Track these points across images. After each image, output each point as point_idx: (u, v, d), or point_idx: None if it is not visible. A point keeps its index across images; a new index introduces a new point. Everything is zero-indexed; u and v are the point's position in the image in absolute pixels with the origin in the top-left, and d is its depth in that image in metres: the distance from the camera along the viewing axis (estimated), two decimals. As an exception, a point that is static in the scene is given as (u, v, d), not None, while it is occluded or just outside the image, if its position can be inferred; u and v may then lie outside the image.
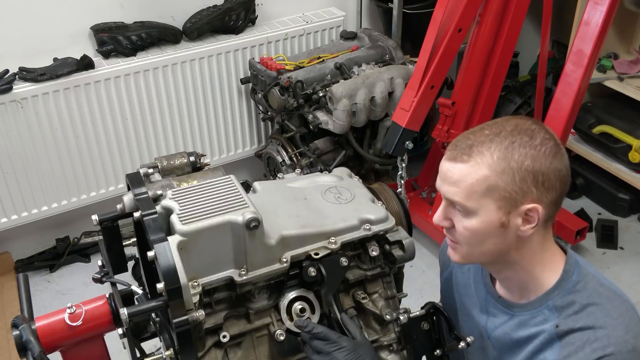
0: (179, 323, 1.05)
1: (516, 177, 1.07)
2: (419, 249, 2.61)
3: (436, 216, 1.16)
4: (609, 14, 2.19)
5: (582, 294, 1.14)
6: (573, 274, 1.16)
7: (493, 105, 2.69)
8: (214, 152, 3.09)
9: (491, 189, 1.08)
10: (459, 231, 1.13)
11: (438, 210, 1.16)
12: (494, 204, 1.08)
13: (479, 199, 1.08)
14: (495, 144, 1.08)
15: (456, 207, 1.12)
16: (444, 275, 1.43)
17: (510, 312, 1.22)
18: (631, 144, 2.90)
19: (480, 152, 1.08)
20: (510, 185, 1.07)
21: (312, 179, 1.36)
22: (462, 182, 1.09)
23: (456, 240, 1.16)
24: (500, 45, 2.48)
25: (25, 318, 1.14)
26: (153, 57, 2.74)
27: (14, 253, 2.95)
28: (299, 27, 3.03)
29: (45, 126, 2.62)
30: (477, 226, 1.10)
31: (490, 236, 1.11)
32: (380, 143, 2.92)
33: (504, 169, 1.07)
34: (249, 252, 1.12)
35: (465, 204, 1.09)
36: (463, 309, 1.35)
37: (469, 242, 1.14)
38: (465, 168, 1.09)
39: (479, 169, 1.08)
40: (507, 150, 1.07)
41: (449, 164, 1.12)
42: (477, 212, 1.09)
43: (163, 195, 1.16)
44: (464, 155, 1.09)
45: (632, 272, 2.87)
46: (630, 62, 3.05)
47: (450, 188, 1.11)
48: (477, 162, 1.08)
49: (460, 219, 1.12)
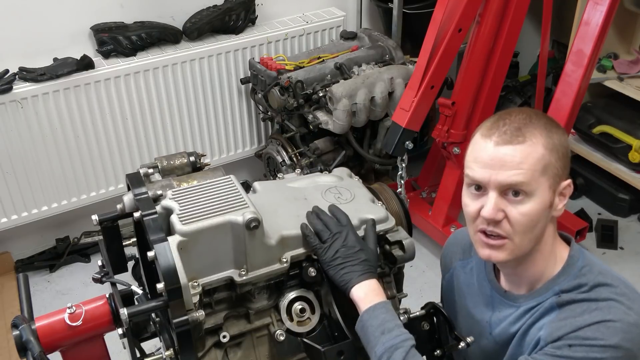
0: (179, 323, 1.05)
1: (560, 153, 1.12)
2: (419, 249, 2.61)
3: (490, 210, 1.10)
4: (609, 14, 2.19)
5: (588, 277, 1.15)
6: (578, 259, 1.18)
7: (493, 105, 2.69)
8: (214, 152, 3.09)
9: (547, 167, 1.10)
10: (514, 219, 1.10)
11: (489, 204, 1.10)
12: (547, 182, 1.10)
13: (539, 178, 1.09)
14: (537, 125, 1.11)
15: (511, 194, 1.10)
16: (446, 278, 1.43)
17: (516, 305, 1.22)
18: (631, 144, 2.90)
19: (531, 132, 1.10)
20: (559, 161, 1.11)
21: (312, 179, 1.36)
22: (525, 163, 1.09)
23: (507, 233, 1.12)
24: (500, 45, 2.47)
25: (25, 318, 1.15)
26: (153, 57, 2.74)
27: (14, 253, 2.94)
28: (299, 27, 3.03)
29: (45, 126, 2.62)
30: (534, 208, 1.10)
31: (541, 219, 1.12)
32: (380, 143, 2.92)
33: (553, 146, 1.11)
34: (249, 252, 1.12)
35: (530, 184, 1.09)
36: (465, 309, 1.34)
37: (524, 230, 1.11)
38: (526, 148, 1.09)
39: (537, 148, 1.10)
40: (547, 130, 1.11)
41: (507, 147, 1.10)
42: (535, 192, 1.10)
43: (163, 195, 1.16)
44: (519, 136, 1.10)
45: (632, 272, 2.87)
46: (630, 62, 3.05)
47: (511, 172, 1.09)
48: (533, 141, 1.10)
49: (516, 206, 1.10)
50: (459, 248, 1.40)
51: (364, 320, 1.12)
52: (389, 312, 1.13)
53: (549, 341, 1.10)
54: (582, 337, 1.07)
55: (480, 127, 1.16)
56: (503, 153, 1.10)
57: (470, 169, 1.14)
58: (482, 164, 1.11)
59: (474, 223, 1.15)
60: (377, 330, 1.10)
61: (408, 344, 1.09)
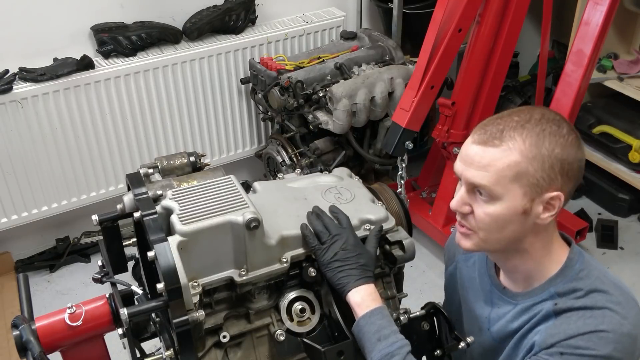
0: (179, 323, 1.05)
1: (546, 164, 1.08)
2: (419, 249, 2.61)
3: (455, 202, 1.14)
4: (609, 14, 2.19)
5: (585, 281, 1.14)
6: (577, 262, 1.17)
7: (493, 106, 2.69)
8: (214, 152, 3.09)
9: (520, 175, 1.08)
10: (478, 217, 1.12)
11: (457, 195, 1.14)
12: (520, 190, 1.08)
13: (507, 184, 1.08)
14: (527, 130, 1.08)
15: (478, 193, 1.11)
16: (449, 269, 1.43)
17: (513, 302, 1.22)
18: (631, 144, 2.90)
19: (512, 137, 1.08)
20: (540, 171, 1.08)
21: (312, 179, 1.36)
22: (492, 167, 1.08)
23: (472, 227, 1.14)
24: (500, 45, 2.47)
25: (25, 318, 1.14)
26: (153, 57, 2.74)
27: (14, 253, 2.94)
28: (299, 27, 3.03)
29: (45, 126, 2.62)
30: (499, 212, 1.10)
31: (510, 223, 1.11)
32: (380, 143, 2.92)
33: (535, 155, 1.07)
34: (249, 252, 1.12)
35: (493, 188, 1.08)
36: (466, 302, 1.34)
37: (488, 229, 1.12)
38: (497, 152, 1.08)
39: (511, 154, 1.07)
40: (538, 137, 1.08)
41: (478, 147, 1.10)
42: (503, 197, 1.09)
43: (163, 195, 1.16)
44: (495, 139, 1.09)
45: (632, 272, 2.87)
46: (630, 62, 3.05)
47: (477, 172, 1.09)
48: (509, 147, 1.08)
49: (482, 204, 1.11)
50: None
51: (361, 325, 1.13)
52: (385, 318, 1.13)
53: (543, 347, 1.11)
54: (574, 345, 1.08)
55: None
56: (474, 152, 1.11)
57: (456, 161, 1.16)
58: (460, 157, 1.14)
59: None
60: (374, 336, 1.11)
61: (404, 351, 1.10)
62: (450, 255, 1.44)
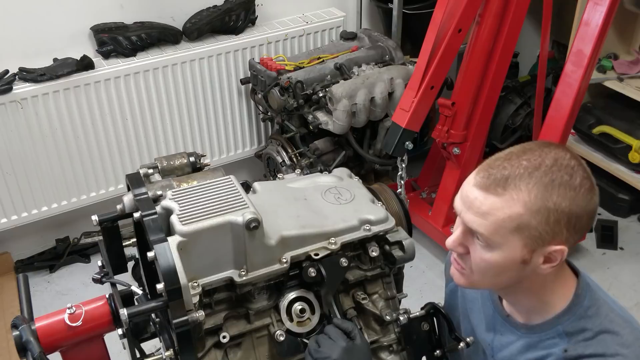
0: (178, 323, 1.05)
1: (551, 218, 1.00)
2: (418, 249, 2.61)
3: (451, 241, 1.08)
4: (609, 15, 2.19)
5: (594, 320, 1.09)
6: (585, 298, 1.12)
7: (493, 106, 2.69)
8: (214, 153, 3.09)
9: (522, 227, 1.01)
10: (474, 261, 1.07)
11: (454, 234, 1.08)
12: (520, 242, 1.02)
13: (506, 235, 1.01)
14: (534, 180, 1.00)
15: (476, 237, 1.05)
16: (450, 286, 1.39)
17: (518, 332, 1.18)
18: (631, 145, 2.90)
19: (517, 186, 1.00)
20: (543, 225, 1.00)
21: (312, 179, 1.36)
22: (491, 216, 1.01)
23: (466, 268, 1.09)
24: (500, 46, 2.48)
25: (25, 318, 1.14)
26: (153, 58, 2.74)
27: (14, 253, 2.94)
28: (299, 27, 3.03)
29: (45, 126, 2.62)
30: (496, 260, 1.04)
31: (507, 270, 1.06)
32: (380, 143, 2.92)
33: (539, 208, 1.00)
34: (249, 252, 1.12)
35: (490, 238, 1.02)
36: (468, 324, 1.31)
37: (483, 273, 1.08)
38: (499, 202, 1.01)
39: (513, 206, 1.00)
40: (546, 190, 1.00)
41: (479, 192, 1.03)
42: (500, 247, 1.03)
43: (163, 195, 1.16)
44: (498, 187, 1.01)
45: (632, 273, 2.87)
46: (630, 63, 3.05)
47: (475, 218, 1.03)
48: (513, 197, 1.00)
49: (479, 249, 1.05)
50: None
51: None
52: None
53: None
54: None
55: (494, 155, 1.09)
56: (474, 196, 1.03)
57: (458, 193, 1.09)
58: (460, 196, 1.07)
59: None
60: None
61: None
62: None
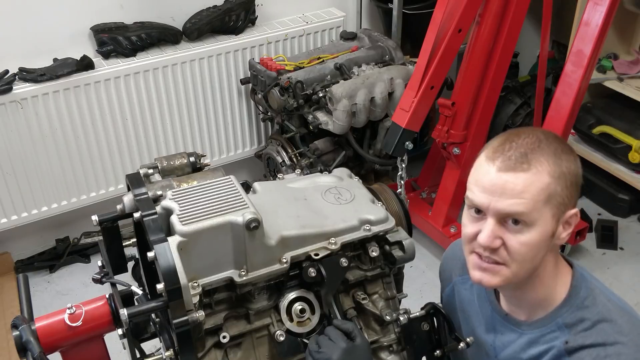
0: (179, 324, 1.05)
1: (568, 181, 1.06)
2: (418, 249, 2.61)
3: (486, 237, 1.06)
4: (609, 15, 2.19)
5: (591, 309, 1.11)
6: (581, 289, 1.14)
7: (493, 106, 2.69)
8: (214, 153, 3.09)
9: (551, 196, 1.05)
10: (513, 249, 1.06)
11: (486, 230, 1.06)
12: (550, 212, 1.06)
13: (541, 208, 1.05)
14: (545, 151, 1.06)
15: (510, 222, 1.05)
16: (446, 291, 1.40)
17: (518, 330, 1.19)
18: (631, 145, 2.90)
19: (537, 159, 1.05)
20: (565, 190, 1.06)
21: (312, 179, 1.36)
22: (527, 192, 1.03)
23: (504, 261, 1.08)
24: (500, 46, 2.48)
25: (25, 318, 1.14)
26: (153, 58, 2.74)
27: (14, 253, 2.94)
28: (299, 27, 3.03)
29: (45, 126, 2.62)
30: (534, 238, 1.05)
31: (542, 248, 1.08)
32: (380, 143, 2.92)
33: (560, 174, 1.06)
34: (249, 252, 1.12)
35: (530, 214, 1.04)
36: (468, 326, 1.32)
37: (523, 259, 1.07)
38: (529, 177, 1.04)
39: (541, 177, 1.04)
40: (556, 157, 1.06)
41: (508, 175, 1.04)
42: (537, 222, 1.05)
43: (163, 195, 1.16)
44: (524, 164, 1.04)
45: (632, 273, 2.87)
46: (630, 63, 3.05)
47: (513, 200, 1.04)
48: (538, 169, 1.04)
49: (514, 235, 1.06)
50: (458, 262, 1.35)
51: None
52: None
53: None
54: None
55: (486, 147, 1.11)
56: (504, 180, 1.04)
57: (471, 192, 1.09)
58: (482, 188, 1.07)
59: (470, 244, 1.11)
60: None
61: None
62: (446, 276, 1.40)
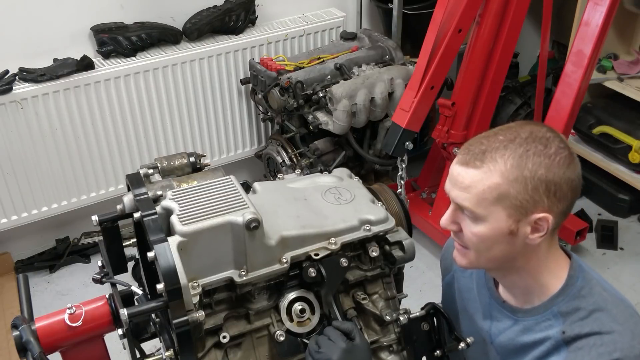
0: (179, 324, 1.05)
1: (528, 186, 1.06)
2: (419, 249, 2.61)
3: (444, 220, 1.15)
4: (609, 15, 2.19)
5: (587, 299, 1.13)
6: (577, 279, 1.16)
7: (493, 106, 2.69)
8: (214, 153, 3.09)
9: (502, 197, 1.07)
10: (466, 236, 1.13)
11: (446, 213, 1.15)
12: (503, 212, 1.07)
13: (489, 206, 1.08)
14: (509, 151, 1.07)
15: (465, 212, 1.11)
16: (446, 279, 1.43)
17: (514, 317, 1.21)
18: (631, 145, 2.90)
19: (493, 158, 1.07)
20: (522, 194, 1.06)
21: (312, 179, 1.36)
22: (472, 188, 1.08)
23: (464, 245, 1.15)
24: (500, 46, 2.48)
25: (25, 319, 1.14)
26: (153, 58, 2.74)
27: (14, 253, 2.94)
28: (299, 27, 3.03)
29: (45, 127, 2.62)
30: (485, 232, 1.10)
31: (498, 243, 1.11)
32: (380, 144, 2.92)
33: (516, 177, 1.06)
34: (249, 252, 1.12)
35: (475, 210, 1.09)
36: (465, 313, 1.34)
37: (477, 248, 1.13)
38: (477, 174, 1.08)
39: (491, 176, 1.07)
40: (520, 159, 1.06)
41: (461, 168, 1.11)
42: (486, 218, 1.09)
43: (163, 195, 1.16)
44: (477, 160, 1.08)
45: (632, 273, 2.87)
46: (630, 63, 3.05)
47: (460, 193, 1.10)
48: (490, 168, 1.07)
49: (469, 224, 1.11)
50: None
51: None
52: None
53: None
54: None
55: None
56: (457, 173, 1.11)
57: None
58: (448, 176, 1.14)
59: None
60: None
61: None
62: (446, 265, 1.43)
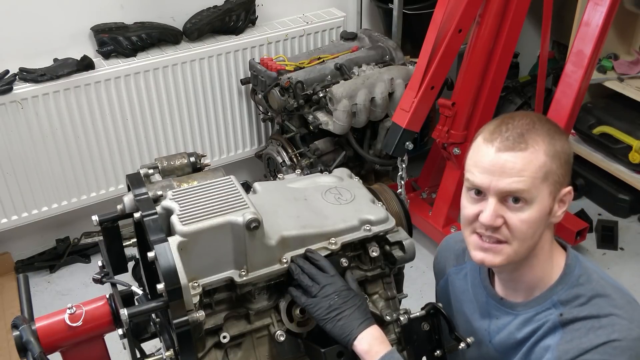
0: (179, 324, 1.05)
1: (562, 160, 1.11)
2: (419, 249, 2.60)
3: (488, 216, 1.10)
4: (609, 15, 2.19)
5: (586, 286, 1.14)
6: (575, 267, 1.17)
7: (493, 106, 2.69)
8: (214, 153, 3.09)
9: (547, 174, 1.09)
10: (513, 226, 1.09)
11: (487, 210, 1.10)
12: (547, 190, 1.10)
13: (539, 186, 1.09)
14: (539, 132, 1.10)
15: (510, 201, 1.09)
16: (440, 283, 1.42)
17: (514, 312, 1.21)
18: (631, 145, 2.90)
19: (533, 138, 1.09)
20: (560, 168, 1.11)
21: (312, 179, 1.36)
22: (526, 170, 1.08)
23: (506, 238, 1.11)
24: (500, 46, 2.48)
25: (25, 319, 1.15)
26: (153, 58, 2.74)
27: (14, 253, 2.94)
28: (299, 27, 3.03)
29: (45, 127, 2.62)
30: (534, 216, 1.09)
31: (540, 226, 1.12)
32: (380, 144, 2.92)
33: (554, 153, 1.10)
34: (249, 252, 1.12)
35: (531, 192, 1.08)
36: (462, 315, 1.33)
37: (524, 237, 1.10)
38: (527, 156, 1.08)
39: (539, 155, 1.09)
40: (549, 136, 1.10)
41: (508, 154, 1.08)
42: (535, 200, 1.09)
43: (163, 195, 1.16)
44: (521, 143, 1.09)
45: (632, 273, 2.87)
46: (630, 63, 3.05)
47: (513, 179, 1.08)
48: (535, 148, 1.09)
49: (515, 213, 1.09)
50: (452, 254, 1.39)
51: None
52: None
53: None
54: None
55: (482, 130, 1.15)
56: (504, 159, 1.08)
57: (471, 173, 1.12)
58: (482, 169, 1.10)
59: (471, 225, 1.14)
60: None
61: None
62: (440, 268, 1.42)
